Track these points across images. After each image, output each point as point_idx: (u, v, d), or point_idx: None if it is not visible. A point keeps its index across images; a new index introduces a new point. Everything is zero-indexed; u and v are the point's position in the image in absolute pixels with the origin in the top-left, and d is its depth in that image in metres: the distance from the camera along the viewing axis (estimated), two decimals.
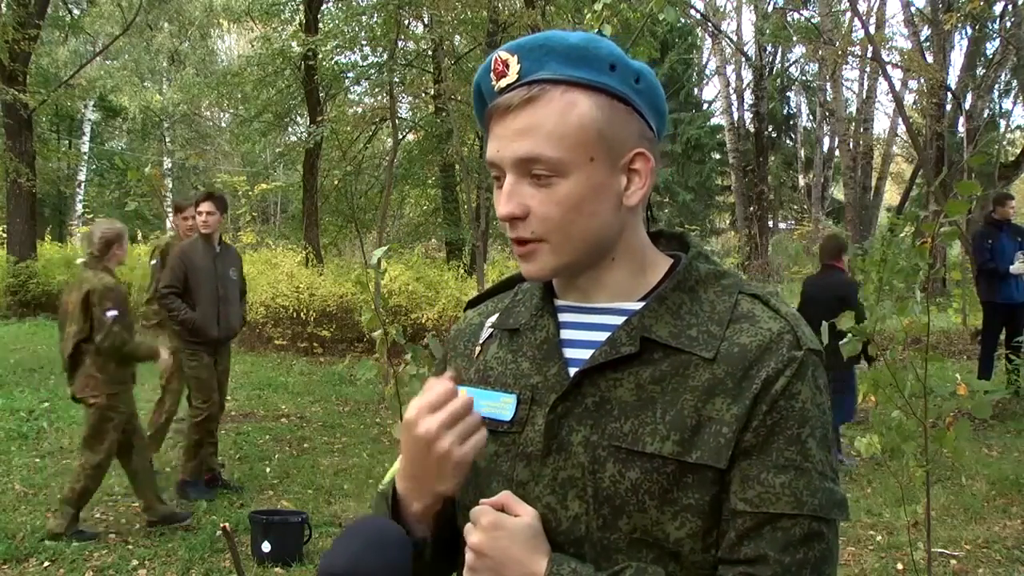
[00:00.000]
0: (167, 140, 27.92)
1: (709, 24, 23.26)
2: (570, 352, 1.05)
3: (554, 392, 1.03)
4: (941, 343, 11.38)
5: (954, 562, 4.54)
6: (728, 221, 29.90)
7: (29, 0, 14.14)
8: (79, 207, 24.95)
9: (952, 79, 15.36)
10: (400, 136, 16.16)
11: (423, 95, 18.15)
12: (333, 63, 16.37)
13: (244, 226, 19.42)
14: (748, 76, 24.48)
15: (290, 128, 19.92)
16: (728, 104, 24.50)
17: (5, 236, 15.39)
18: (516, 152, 1.00)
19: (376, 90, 17.64)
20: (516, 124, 1.00)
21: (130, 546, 4.65)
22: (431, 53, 16.42)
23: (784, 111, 27.50)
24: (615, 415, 1.00)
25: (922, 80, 14.59)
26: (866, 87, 21.79)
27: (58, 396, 8.17)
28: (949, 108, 15.09)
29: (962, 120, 14.70)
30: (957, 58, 18.01)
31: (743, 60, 24.20)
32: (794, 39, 19.01)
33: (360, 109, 18.20)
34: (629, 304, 1.05)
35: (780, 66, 25.31)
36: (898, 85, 17.16)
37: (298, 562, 4.48)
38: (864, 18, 14.95)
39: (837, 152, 22.76)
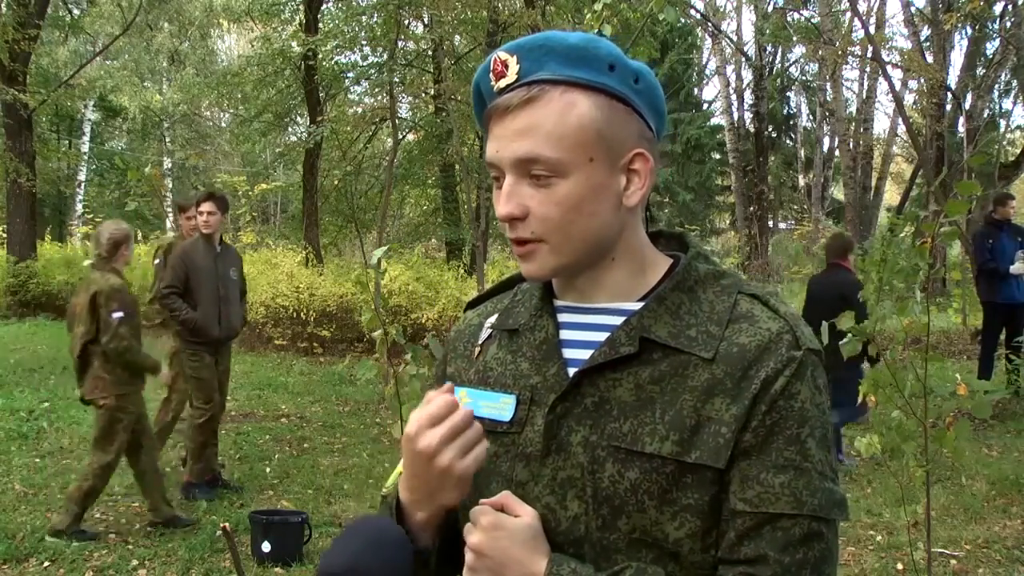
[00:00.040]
0: (167, 140, 27.90)
1: (709, 24, 23.25)
2: (569, 352, 1.05)
3: (553, 392, 1.03)
4: (941, 343, 11.38)
5: (954, 562, 4.54)
6: (728, 221, 29.88)
7: (29, 0, 14.15)
8: (79, 207, 24.95)
9: (952, 79, 15.37)
10: (400, 136, 16.16)
11: (423, 95, 18.15)
12: (333, 63, 16.37)
13: (244, 226, 19.43)
14: (748, 76, 24.46)
15: (290, 128, 19.92)
16: (728, 104, 24.49)
17: (5, 236, 15.39)
18: (515, 152, 1.00)
19: (376, 90, 17.64)
20: (515, 124, 1.00)
21: (130, 546, 4.65)
22: (431, 53, 16.42)
23: (784, 111, 27.48)
24: (614, 415, 1.00)
25: (922, 80, 14.59)
26: (866, 87, 21.79)
27: (58, 396, 8.18)
28: (949, 108, 15.09)
29: (962, 120, 14.69)
30: (957, 58, 18.03)
31: (743, 60, 24.19)
32: (794, 39, 19.01)
33: (360, 109, 18.20)
34: (628, 304, 1.05)
35: (780, 66, 25.30)
36: (898, 85, 17.17)
37: (298, 562, 4.48)
38: (864, 18, 14.95)
39: (837, 152, 22.77)
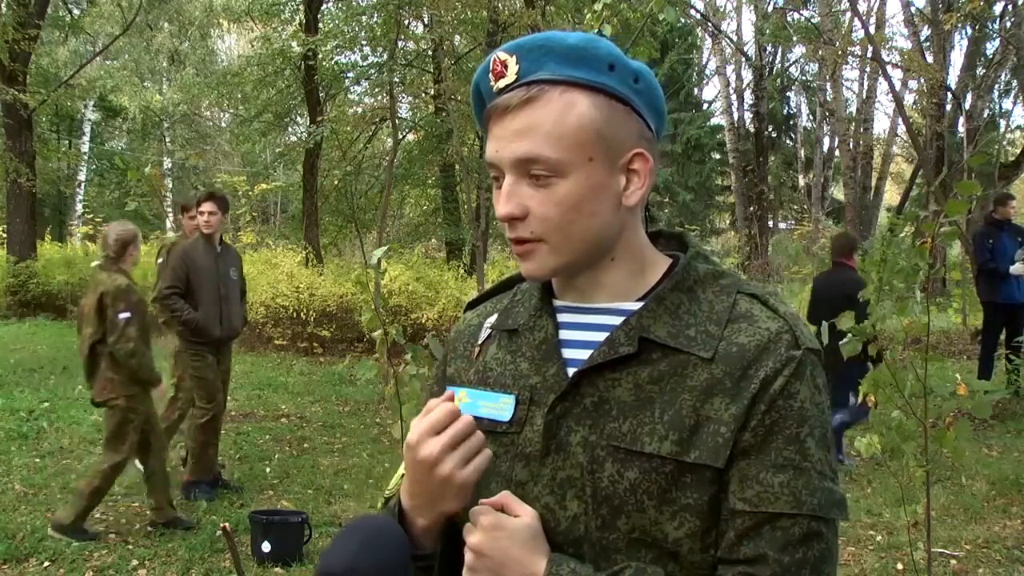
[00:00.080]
0: (167, 140, 27.89)
1: (709, 24, 23.25)
2: (569, 352, 1.05)
3: (553, 392, 1.03)
4: (941, 343, 11.38)
5: (954, 562, 4.54)
6: (728, 221, 29.87)
7: (29, 0, 14.15)
8: (79, 207, 24.94)
9: (952, 79, 15.37)
10: (400, 136, 16.15)
11: (423, 95, 18.15)
12: (333, 63, 16.37)
13: (244, 226, 19.41)
14: (748, 76, 24.46)
15: (290, 128, 19.92)
16: (728, 104, 24.48)
17: (5, 236, 15.39)
18: (515, 152, 1.00)
19: (376, 90, 17.64)
20: (515, 124, 1.00)
21: (130, 546, 4.65)
22: (431, 53, 16.42)
23: (784, 111, 27.47)
24: (614, 415, 1.00)
25: (922, 80, 14.59)
26: (866, 87, 21.79)
27: (58, 396, 8.18)
28: (949, 108, 15.09)
29: (962, 120, 14.69)
30: (957, 58, 18.04)
31: (743, 60, 24.19)
32: (794, 39, 19.00)
33: (360, 109, 18.20)
34: (628, 304, 1.05)
35: (780, 66, 25.29)
36: (898, 85, 17.17)
37: (298, 562, 4.48)
38: (864, 18, 14.95)
39: (837, 152, 22.77)
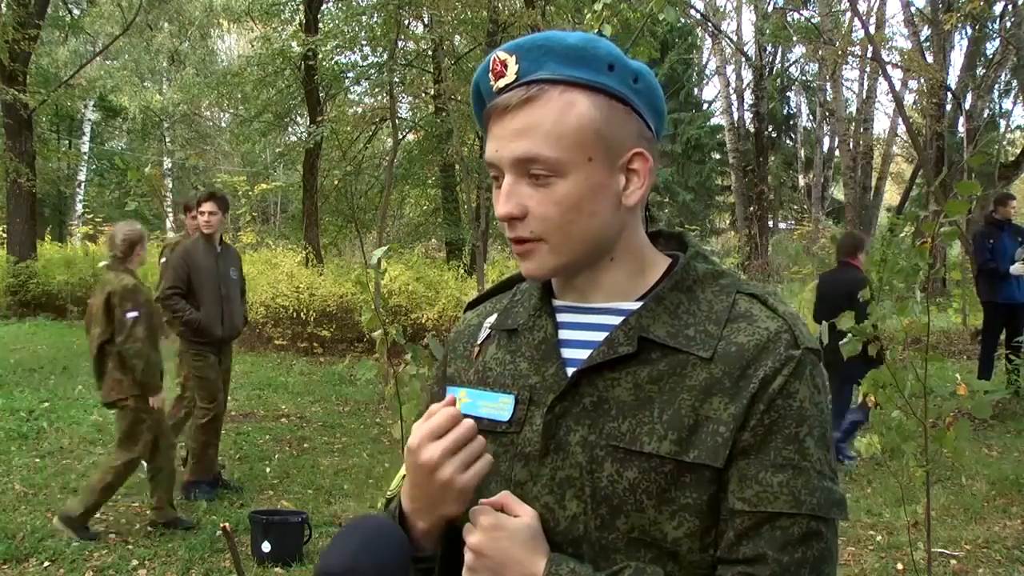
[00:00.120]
0: (167, 140, 27.89)
1: (709, 24, 23.25)
2: (568, 352, 1.05)
3: (552, 392, 1.03)
4: (941, 343, 11.37)
5: (954, 562, 4.54)
6: (728, 221, 29.87)
7: (29, 0, 14.15)
8: (79, 207, 24.94)
9: (952, 79, 15.37)
10: (400, 136, 16.15)
11: (423, 95, 18.15)
12: (333, 63, 16.37)
13: (244, 226, 19.41)
14: (748, 76, 24.45)
15: (290, 128, 19.92)
16: (728, 104, 24.47)
17: (5, 236, 15.39)
18: (514, 152, 1.00)
19: (376, 90, 17.64)
20: (514, 124, 1.00)
21: (130, 546, 4.65)
22: (431, 53, 16.42)
23: (784, 111, 27.46)
24: (613, 415, 1.00)
25: (922, 80, 14.59)
26: (866, 87, 21.77)
27: (58, 396, 8.18)
28: (949, 108, 15.09)
29: (962, 120, 14.69)
30: (957, 58, 18.03)
31: (743, 60, 24.18)
32: (794, 39, 19.00)
33: (360, 109, 18.19)
34: (627, 304, 1.05)
35: (780, 66, 25.28)
36: (898, 85, 17.16)
37: (298, 562, 4.48)
38: (864, 18, 14.94)
39: (837, 152, 22.75)
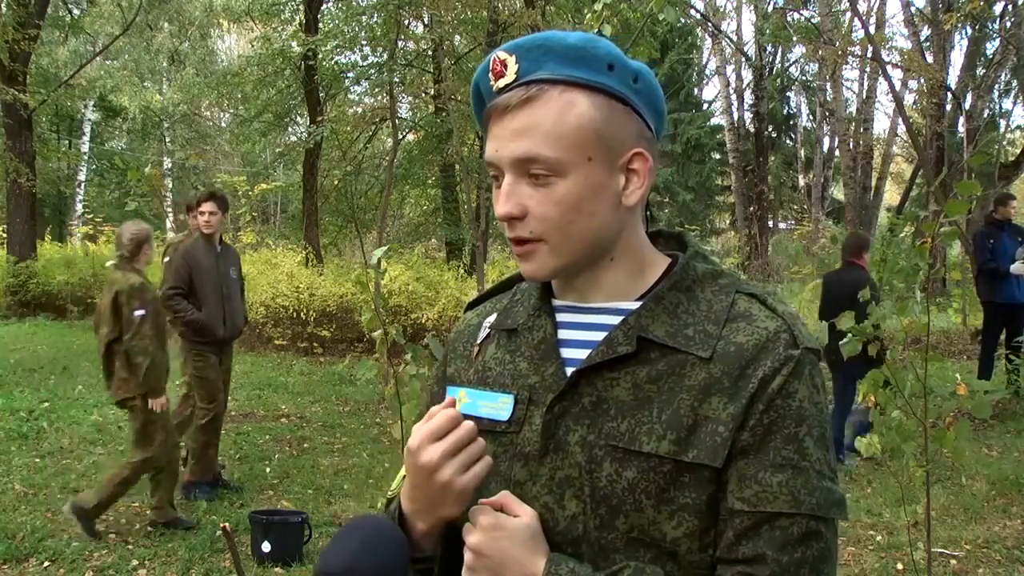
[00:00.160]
0: (167, 140, 27.88)
1: (709, 24, 23.25)
2: (567, 352, 1.05)
3: (551, 392, 1.03)
4: (941, 343, 11.37)
5: (954, 562, 4.54)
6: (728, 221, 29.87)
7: (29, 0, 14.15)
8: (79, 207, 24.95)
9: (952, 79, 15.36)
10: (400, 136, 16.15)
11: (423, 95, 18.15)
12: (333, 63, 16.37)
13: (244, 226, 19.41)
14: (748, 76, 24.44)
15: (290, 128, 19.91)
16: (728, 104, 24.47)
17: (5, 236, 15.40)
18: (514, 152, 1.00)
19: (376, 90, 17.63)
20: (514, 124, 1.00)
21: (130, 546, 4.65)
22: (431, 53, 16.41)
23: (784, 111, 27.46)
24: (612, 415, 1.00)
25: (922, 80, 14.58)
26: (866, 87, 21.77)
27: (58, 396, 8.18)
28: (949, 108, 15.08)
29: (962, 120, 14.69)
30: (957, 58, 18.02)
31: (743, 60, 24.18)
32: (794, 39, 19.00)
33: (360, 109, 18.19)
34: (626, 304, 1.05)
35: (780, 66, 25.28)
36: (898, 85, 17.16)
37: (298, 562, 4.48)
38: (864, 18, 14.94)
39: (837, 152, 22.75)
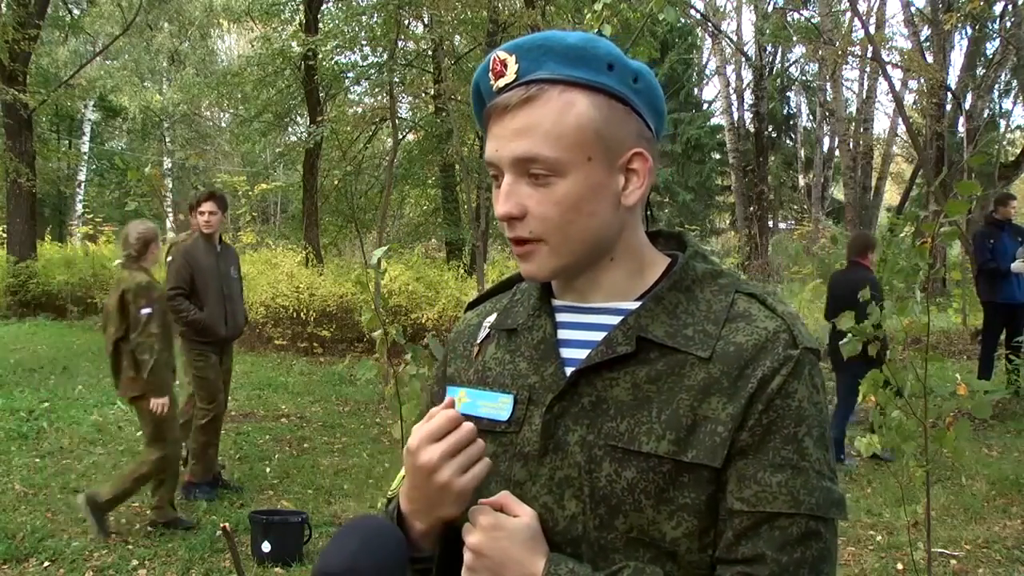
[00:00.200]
0: (167, 140, 27.88)
1: (709, 24, 23.24)
2: (567, 352, 1.05)
3: (551, 392, 1.03)
4: (941, 343, 11.37)
5: (954, 562, 4.54)
6: (728, 221, 29.87)
7: (29, 0, 14.15)
8: (79, 207, 24.95)
9: (952, 79, 15.36)
10: (400, 136, 16.15)
11: (423, 95, 18.15)
12: (333, 63, 16.36)
13: (244, 226, 19.41)
14: (748, 76, 24.44)
15: (290, 128, 19.91)
16: (728, 104, 24.47)
17: (5, 236, 15.40)
18: (514, 152, 1.00)
19: (376, 90, 17.63)
20: (514, 124, 1.00)
21: (130, 546, 4.65)
22: (431, 53, 16.41)
23: (784, 111, 27.46)
24: (611, 415, 1.00)
25: (922, 80, 14.58)
26: (866, 87, 21.77)
27: (58, 396, 8.18)
28: (949, 108, 15.08)
29: (962, 120, 14.69)
30: (957, 58, 18.03)
31: (743, 60, 24.18)
32: (794, 39, 19.00)
33: (360, 109, 18.19)
34: (626, 304, 1.05)
35: (780, 66, 25.28)
36: (898, 85, 17.16)
37: (298, 562, 4.48)
38: (864, 18, 14.94)
39: (837, 152, 22.75)
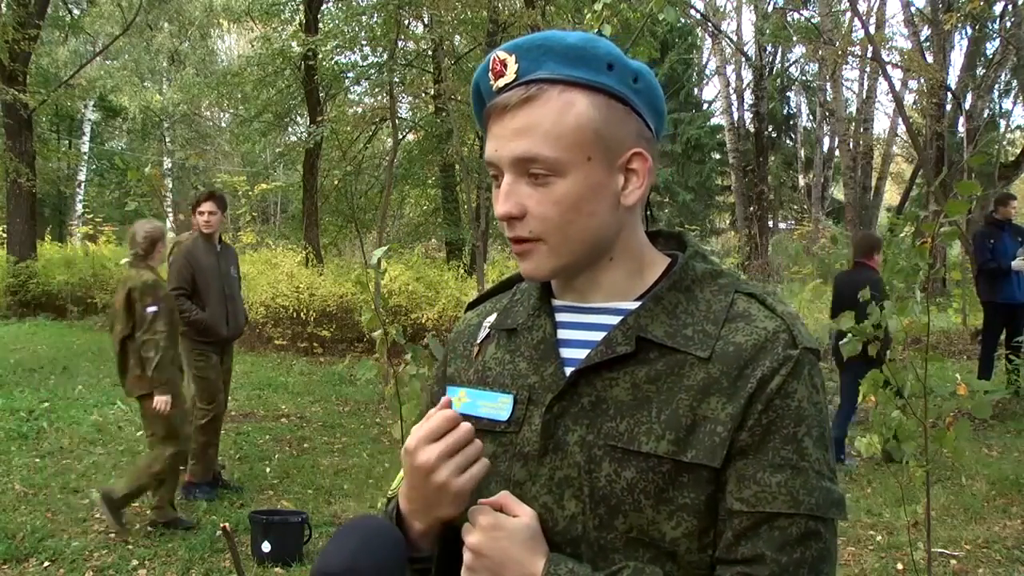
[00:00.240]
0: (167, 140, 27.88)
1: (709, 24, 23.24)
2: (567, 352, 1.05)
3: (550, 392, 1.03)
4: (941, 343, 11.37)
5: (954, 562, 4.54)
6: (728, 221, 29.86)
7: (29, 0, 14.15)
8: (79, 207, 24.95)
9: (952, 79, 15.36)
10: (400, 136, 16.15)
11: (423, 95, 18.15)
12: (333, 63, 16.37)
13: (244, 226, 19.41)
14: (748, 76, 24.43)
15: (290, 128, 19.91)
16: (728, 104, 24.45)
17: (5, 236, 15.39)
18: (514, 151, 1.00)
19: (376, 90, 17.63)
20: (514, 124, 1.00)
21: (130, 546, 4.65)
22: (431, 53, 16.42)
23: (784, 111, 27.45)
24: (611, 415, 1.00)
25: (922, 80, 14.58)
26: (866, 87, 21.75)
27: (58, 396, 8.18)
28: (949, 108, 15.08)
29: (962, 120, 14.68)
30: (957, 58, 18.02)
31: (743, 60, 24.17)
32: (794, 39, 18.99)
33: (360, 109, 18.19)
34: (626, 304, 1.05)
35: (780, 66, 25.27)
36: (898, 85, 17.15)
37: (298, 562, 4.48)
38: (864, 18, 14.94)
39: (837, 152, 22.74)
